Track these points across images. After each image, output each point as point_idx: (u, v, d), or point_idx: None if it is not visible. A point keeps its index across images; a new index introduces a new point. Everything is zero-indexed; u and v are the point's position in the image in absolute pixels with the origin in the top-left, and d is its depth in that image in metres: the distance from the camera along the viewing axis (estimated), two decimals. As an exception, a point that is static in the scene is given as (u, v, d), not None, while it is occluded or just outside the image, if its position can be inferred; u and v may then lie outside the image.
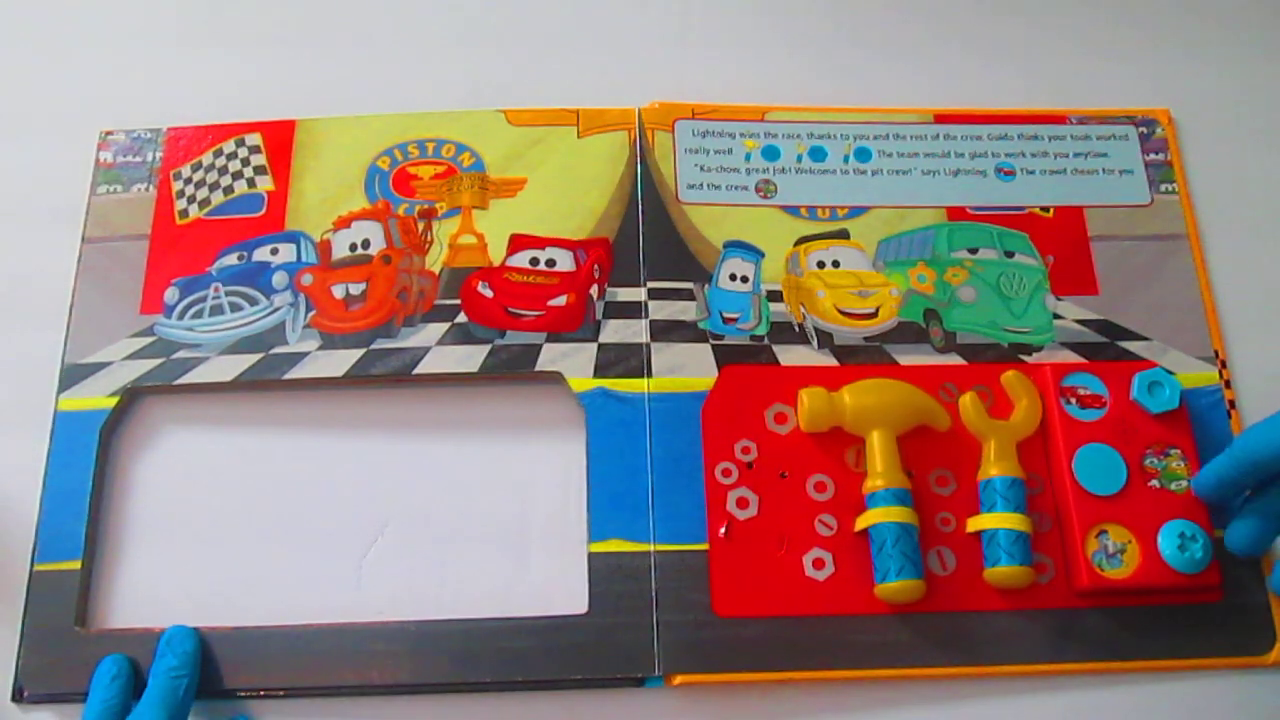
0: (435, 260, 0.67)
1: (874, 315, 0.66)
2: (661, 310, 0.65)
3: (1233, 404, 0.64)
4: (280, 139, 0.71)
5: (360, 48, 0.75)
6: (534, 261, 0.67)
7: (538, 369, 0.64)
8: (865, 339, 0.66)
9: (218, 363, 0.64)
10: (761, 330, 0.65)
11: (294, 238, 0.68)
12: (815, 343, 0.65)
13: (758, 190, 0.70)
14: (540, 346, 0.64)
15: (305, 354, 0.64)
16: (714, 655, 0.57)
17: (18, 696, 0.58)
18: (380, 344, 0.64)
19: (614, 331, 0.65)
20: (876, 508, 0.58)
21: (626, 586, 0.59)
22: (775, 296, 0.67)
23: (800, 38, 0.76)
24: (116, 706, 0.55)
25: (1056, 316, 0.67)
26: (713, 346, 0.65)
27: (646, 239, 0.67)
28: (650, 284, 0.66)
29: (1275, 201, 0.71)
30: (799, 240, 0.68)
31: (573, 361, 0.64)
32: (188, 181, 0.70)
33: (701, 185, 0.69)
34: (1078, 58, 0.76)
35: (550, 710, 0.58)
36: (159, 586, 0.60)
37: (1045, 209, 0.70)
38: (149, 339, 0.65)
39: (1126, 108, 0.73)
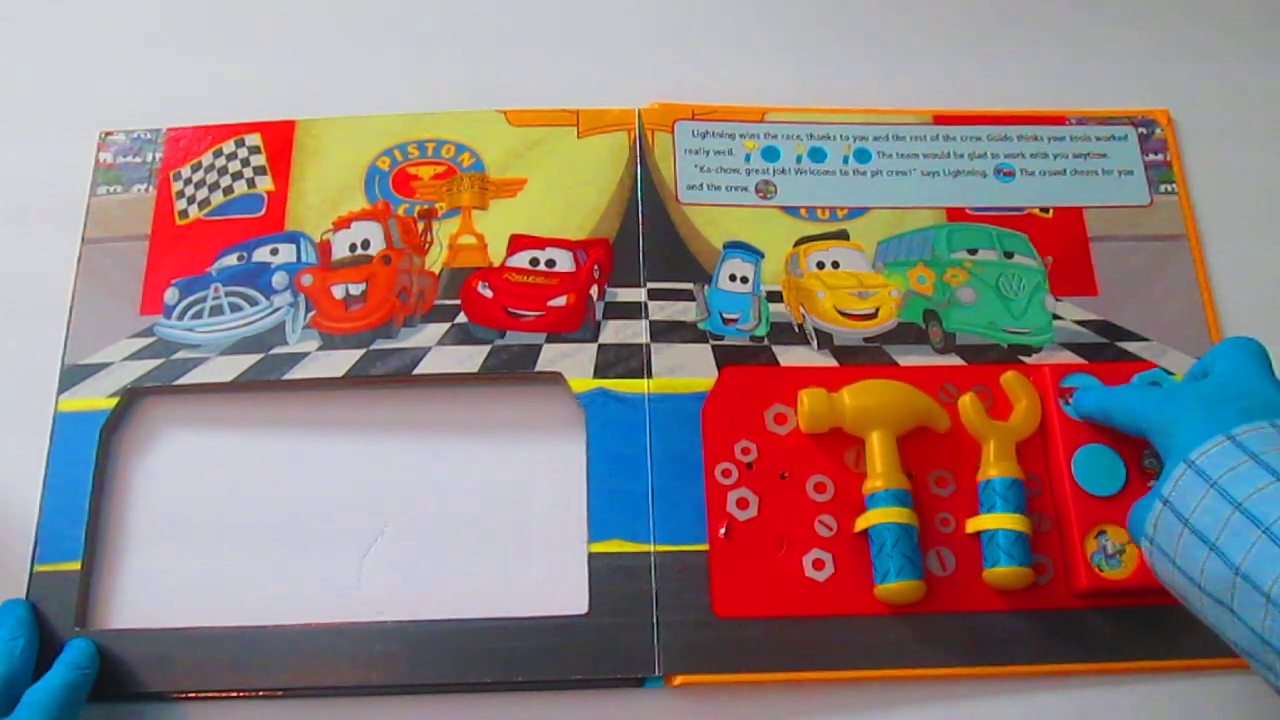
0: (435, 260, 0.67)
1: (873, 316, 0.66)
2: (661, 311, 0.65)
3: (1232, 404, 0.64)
4: (280, 139, 0.71)
5: (360, 48, 0.75)
6: (534, 262, 0.67)
7: (538, 369, 0.64)
8: (865, 340, 0.66)
9: (218, 363, 0.64)
10: (761, 331, 0.65)
11: (294, 238, 0.68)
12: (815, 343, 0.65)
13: (757, 191, 0.70)
14: (540, 347, 0.64)
15: (305, 354, 0.64)
16: (714, 655, 0.57)
17: (18, 697, 0.58)
18: (380, 344, 0.64)
19: (614, 332, 0.65)
20: (876, 508, 0.58)
21: (626, 587, 0.59)
22: (775, 297, 0.66)
23: (800, 38, 0.76)
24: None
25: (1056, 317, 0.67)
26: (713, 347, 0.65)
27: (646, 239, 0.67)
28: (650, 284, 0.66)
29: (1275, 201, 0.71)
30: (799, 241, 0.68)
31: (573, 362, 0.64)
32: (187, 182, 0.70)
33: (701, 186, 0.69)
34: (1078, 58, 0.76)
35: (550, 710, 0.58)
36: (159, 586, 0.60)
37: (1045, 209, 0.70)
38: (149, 339, 0.65)
39: (1126, 108, 0.73)
